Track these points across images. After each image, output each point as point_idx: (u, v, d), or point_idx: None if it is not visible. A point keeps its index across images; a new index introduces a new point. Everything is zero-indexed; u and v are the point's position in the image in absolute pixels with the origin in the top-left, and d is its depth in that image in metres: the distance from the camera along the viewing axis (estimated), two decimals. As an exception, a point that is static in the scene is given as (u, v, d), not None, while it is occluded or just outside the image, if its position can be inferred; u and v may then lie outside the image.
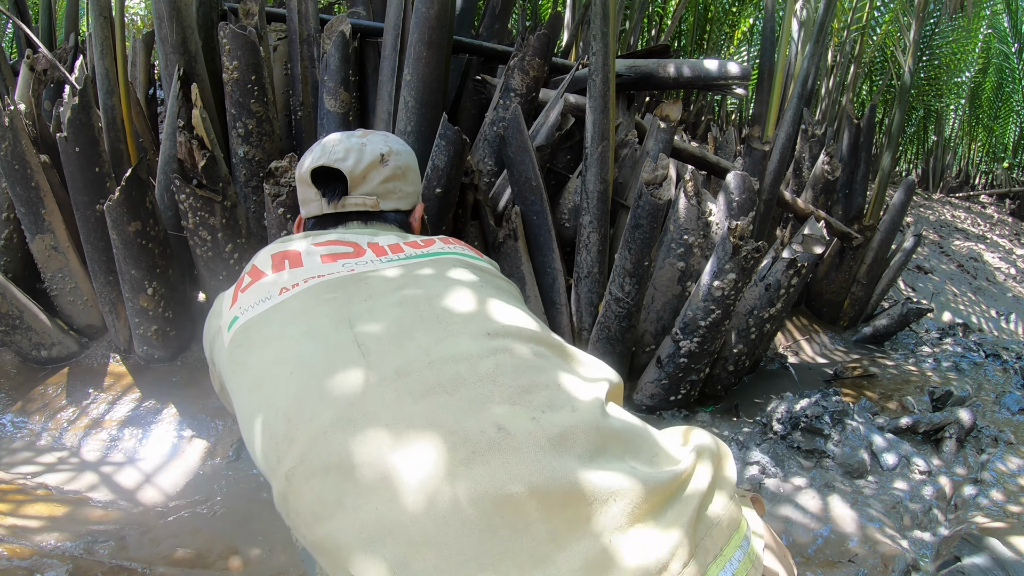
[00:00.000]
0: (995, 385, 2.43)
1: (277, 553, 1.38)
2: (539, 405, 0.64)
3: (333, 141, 1.00)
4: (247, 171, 1.90)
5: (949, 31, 5.62)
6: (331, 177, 0.99)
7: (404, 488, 0.58)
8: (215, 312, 0.88)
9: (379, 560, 0.57)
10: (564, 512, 0.57)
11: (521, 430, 0.61)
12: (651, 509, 0.59)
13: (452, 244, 0.94)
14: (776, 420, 1.87)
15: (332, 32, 1.97)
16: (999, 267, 5.44)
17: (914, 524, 1.57)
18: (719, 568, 0.60)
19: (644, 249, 1.82)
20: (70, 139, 1.68)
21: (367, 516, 0.58)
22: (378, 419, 0.63)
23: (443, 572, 0.55)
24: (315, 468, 0.62)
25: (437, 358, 0.68)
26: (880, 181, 3.24)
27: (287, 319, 0.75)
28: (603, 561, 0.55)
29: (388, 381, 0.66)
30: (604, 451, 0.62)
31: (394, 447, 0.61)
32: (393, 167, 1.00)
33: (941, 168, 8.76)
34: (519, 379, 0.67)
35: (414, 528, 0.57)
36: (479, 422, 0.62)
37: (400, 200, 1.02)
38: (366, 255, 0.85)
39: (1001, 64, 7.86)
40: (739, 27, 5.51)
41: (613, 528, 0.57)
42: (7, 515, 1.41)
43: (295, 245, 0.88)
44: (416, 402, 0.64)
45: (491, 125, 2.06)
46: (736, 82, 2.23)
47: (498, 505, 0.57)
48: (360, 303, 0.75)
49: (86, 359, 1.94)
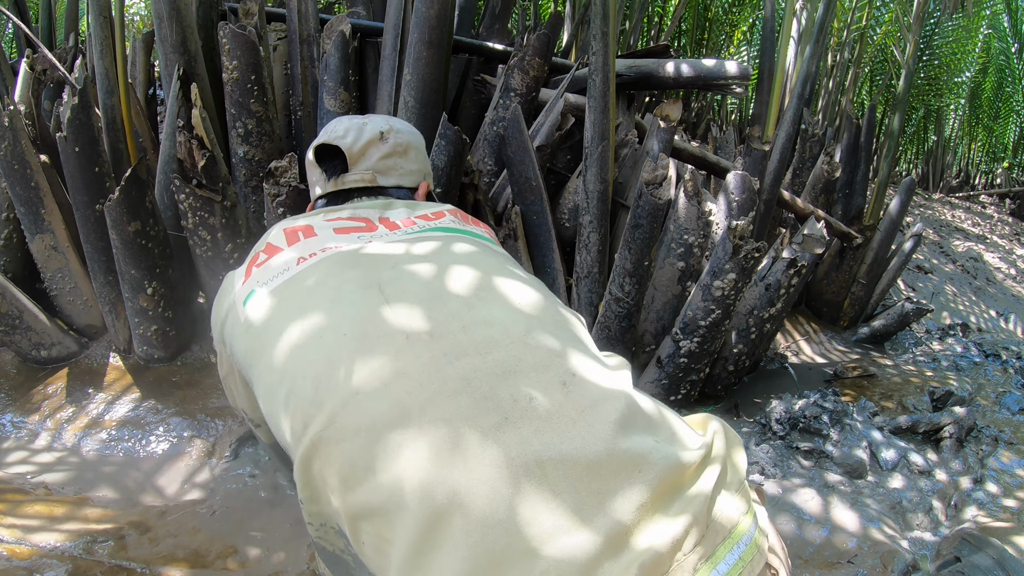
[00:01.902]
0: (995, 385, 2.43)
1: (276, 552, 1.38)
2: (570, 375, 0.65)
3: (335, 122, 1.03)
4: (247, 171, 1.90)
5: (949, 31, 5.62)
6: (333, 156, 1.00)
7: (436, 452, 0.58)
8: (225, 291, 0.88)
9: (409, 523, 0.57)
10: (591, 484, 0.57)
11: (553, 399, 0.62)
12: (671, 488, 0.60)
13: (460, 218, 0.95)
14: (775, 420, 1.87)
15: (332, 32, 1.97)
16: (999, 267, 5.44)
17: (914, 524, 1.57)
18: (727, 550, 0.60)
19: (644, 249, 1.82)
20: (70, 139, 1.68)
21: (397, 481, 0.58)
22: (411, 380, 0.63)
23: (470, 535, 0.55)
24: (345, 431, 0.62)
25: (470, 322, 0.68)
26: (880, 181, 3.24)
27: (311, 288, 0.75)
28: (623, 536, 0.56)
29: (422, 343, 0.66)
30: (631, 426, 0.63)
31: (426, 409, 0.61)
32: (392, 144, 1.01)
33: (941, 168, 8.76)
34: (550, 349, 0.67)
35: (444, 491, 0.57)
36: (511, 389, 0.62)
37: (402, 177, 1.02)
38: (379, 230, 0.86)
39: (1001, 64, 7.85)
40: (739, 27, 5.51)
41: (636, 505, 0.57)
42: (6, 515, 1.41)
43: (306, 220, 0.89)
44: (451, 363, 0.64)
45: (491, 125, 2.06)
46: (735, 82, 2.23)
47: (528, 472, 0.57)
48: (387, 270, 0.75)
49: (86, 359, 1.94)
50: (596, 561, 0.54)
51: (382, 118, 1.05)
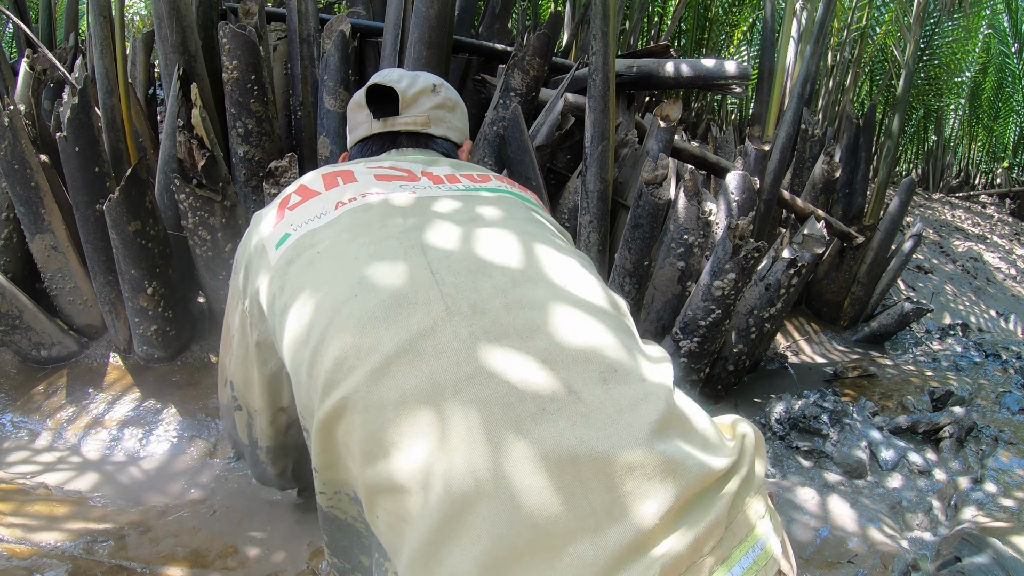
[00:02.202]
0: (995, 385, 2.43)
1: (276, 552, 1.38)
2: (611, 370, 0.62)
3: (388, 71, 1.02)
4: (247, 171, 1.90)
5: (949, 31, 5.62)
6: (384, 99, 0.99)
7: (467, 435, 0.56)
8: (254, 230, 0.83)
9: (432, 506, 0.55)
10: (624, 485, 0.56)
11: (592, 396, 0.59)
12: (699, 494, 0.59)
13: (506, 183, 0.91)
14: (775, 420, 1.87)
15: (332, 32, 1.97)
16: (999, 267, 5.44)
17: (914, 524, 1.57)
18: (743, 553, 0.59)
19: (644, 249, 1.82)
20: (70, 139, 1.68)
21: (424, 461, 0.56)
22: (448, 357, 0.60)
23: (495, 526, 0.53)
24: (373, 401, 0.59)
25: (514, 301, 0.64)
26: (880, 181, 3.24)
27: (350, 236, 0.70)
28: (648, 540, 0.54)
29: (463, 316, 0.62)
30: (668, 429, 0.61)
31: (461, 389, 0.58)
32: (444, 97, 1.02)
33: (941, 168, 8.76)
34: (593, 339, 0.64)
35: (473, 478, 0.55)
36: (550, 379, 0.59)
37: (449, 130, 1.02)
38: (422, 181, 0.82)
39: (1001, 64, 7.85)
40: (739, 27, 5.51)
41: (664, 509, 0.56)
42: (7, 515, 1.41)
43: (347, 166, 0.85)
44: (491, 344, 0.60)
45: (491, 125, 2.06)
46: (735, 82, 2.23)
47: (560, 467, 0.55)
48: (431, 230, 0.70)
49: (86, 359, 1.94)
50: (619, 562, 0.53)
51: (432, 74, 1.06)
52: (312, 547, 1.40)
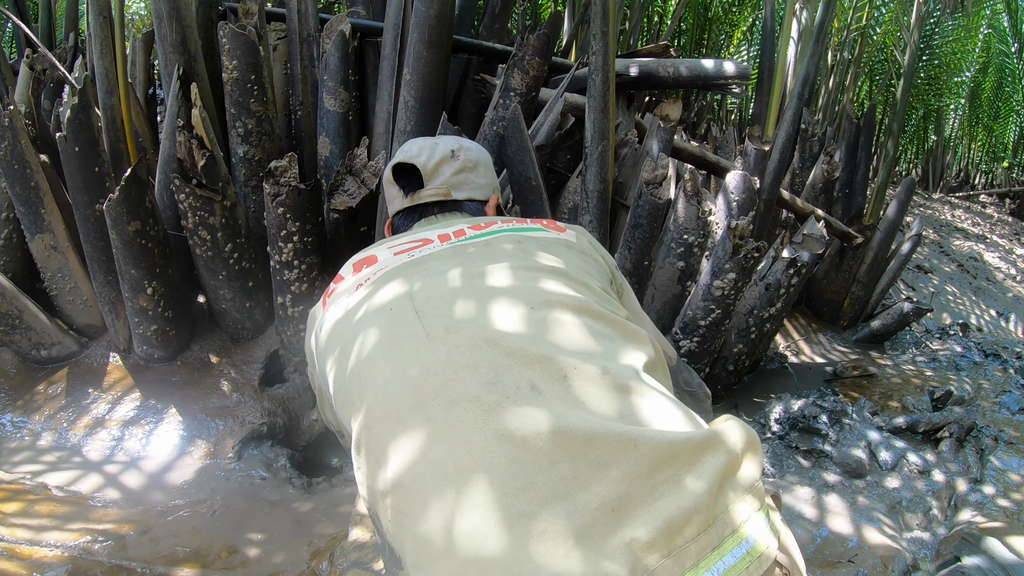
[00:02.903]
0: (995, 385, 2.43)
1: (275, 552, 1.38)
2: (572, 368, 0.69)
3: (409, 143, 1.12)
4: (247, 171, 1.90)
5: (949, 31, 5.62)
6: (409, 173, 1.09)
7: (445, 428, 0.65)
8: (308, 328, 0.99)
9: (419, 497, 0.63)
10: (588, 455, 0.62)
11: (552, 391, 0.67)
12: (670, 468, 0.63)
13: (513, 222, 0.99)
14: (774, 420, 1.87)
15: (332, 32, 1.97)
16: (999, 267, 5.44)
17: (913, 524, 1.57)
18: (735, 543, 0.62)
19: (644, 249, 1.82)
20: (70, 139, 1.68)
21: (414, 457, 0.65)
22: (430, 370, 0.70)
23: (471, 500, 0.61)
24: (377, 417, 0.71)
25: (484, 320, 0.75)
26: (880, 181, 3.24)
27: (362, 307, 0.84)
28: (621, 504, 0.60)
29: (439, 338, 0.73)
30: (631, 412, 0.67)
31: (439, 392, 0.68)
32: (463, 161, 1.10)
33: (941, 168, 8.76)
34: (557, 342, 0.72)
35: (449, 463, 0.63)
36: (515, 378, 0.68)
37: (473, 190, 1.11)
38: (432, 244, 0.93)
39: (1001, 64, 7.85)
40: (739, 27, 5.51)
41: (633, 476, 0.61)
42: (7, 515, 1.41)
43: (373, 250, 0.98)
44: (462, 353, 0.71)
45: (491, 124, 2.06)
46: (735, 81, 2.23)
47: (525, 443, 0.62)
48: (419, 279, 0.83)
49: (86, 359, 1.94)
50: (592, 524, 0.59)
51: (452, 138, 1.14)
52: (312, 547, 1.40)
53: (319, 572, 1.32)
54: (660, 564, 0.59)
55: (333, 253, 1.78)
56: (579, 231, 1.01)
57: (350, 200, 1.71)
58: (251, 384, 1.88)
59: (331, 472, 1.82)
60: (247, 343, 1.97)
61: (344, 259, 1.09)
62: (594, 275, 0.89)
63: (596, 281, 0.86)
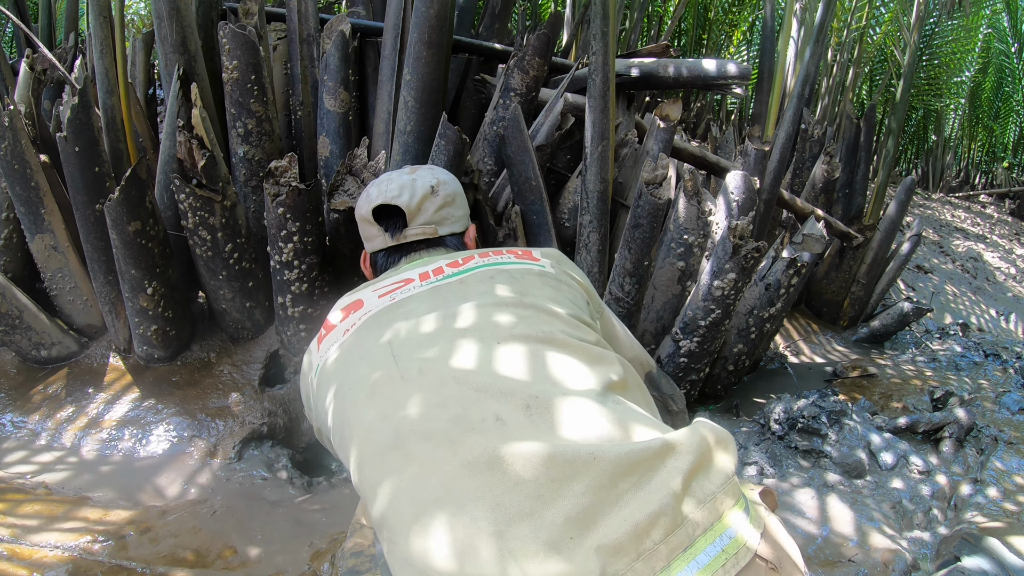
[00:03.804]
0: (995, 385, 2.43)
1: (276, 553, 1.38)
2: (534, 398, 0.74)
3: (385, 180, 1.12)
4: (247, 171, 1.90)
5: (949, 31, 5.62)
6: (391, 213, 1.10)
7: (420, 462, 0.70)
8: (303, 370, 1.03)
9: (401, 527, 0.68)
10: (549, 473, 0.65)
11: (516, 420, 0.71)
12: (633, 476, 0.66)
13: (490, 256, 1.03)
14: (773, 420, 1.87)
15: (332, 32, 1.97)
16: (999, 267, 5.44)
17: (913, 524, 1.57)
18: (708, 542, 0.64)
19: (644, 249, 1.82)
20: (70, 139, 1.68)
21: (392, 492, 0.71)
22: (406, 411, 0.76)
23: (445, 525, 0.65)
24: (366, 458, 0.76)
25: (453, 359, 0.80)
26: (880, 181, 3.24)
27: (347, 354, 0.90)
28: (587, 516, 0.63)
29: (414, 380, 0.78)
30: (591, 431, 0.71)
31: (413, 430, 0.73)
32: (443, 196, 1.12)
33: (941, 168, 8.76)
34: (521, 374, 0.77)
35: (424, 494, 0.68)
36: (481, 411, 0.72)
37: (454, 224, 1.13)
38: (413, 283, 0.97)
39: (1001, 64, 7.85)
40: (739, 27, 5.51)
41: (596, 488, 0.64)
42: (7, 515, 1.41)
43: (359, 294, 1.02)
44: (434, 392, 0.76)
45: (491, 125, 2.06)
46: (735, 82, 2.23)
47: (491, 469, 0.67)
48: (397, 323, 0.88)
49: (86, 359, 1.94)
50: (558, 541, 0.61)
51: (427, 170, 1.15)
52: (312, 548, 1.40)
53: (320, 573, 1.32)
54: (630, 567, 0.61)
55: (333, 253, 1.79)
56: (554, 258, 1.04)
57: (350, 200, 1.71)
58: (251, 384, 1.88)
59: (331, 473, 1.82)
60: (247, 343, 1.97)
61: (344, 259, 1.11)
62: (564, 302, 0.92)
63: (566, 308, 0.90)
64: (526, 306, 0.88)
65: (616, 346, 1.11)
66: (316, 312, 1.76)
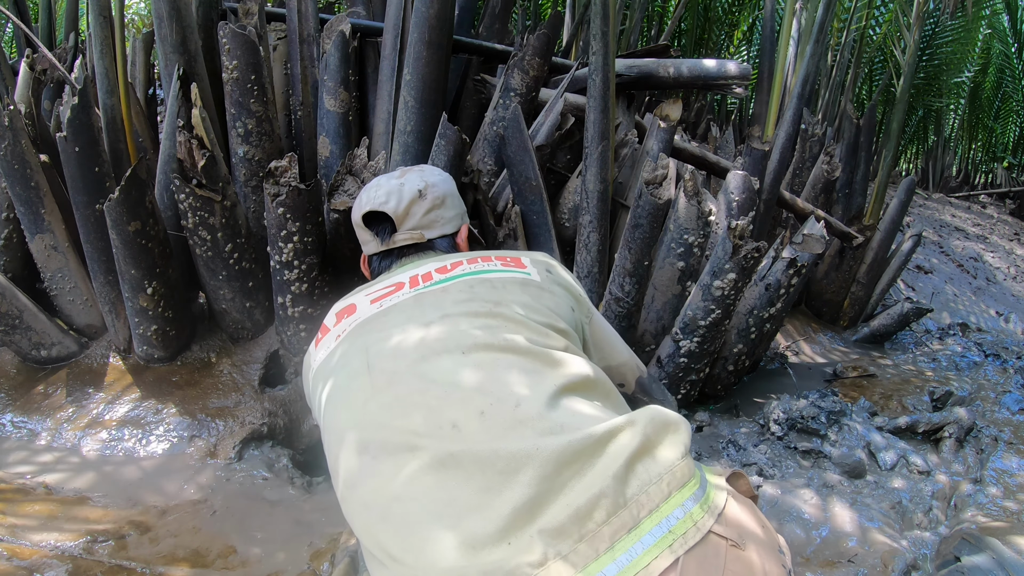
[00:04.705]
0: (995, 385, 2.43)
1: (276, 552, 1.38)
2: (488, 405, 0.78)
3: (375, 186, 1.16)
4: (247, 171, 1.90)
5: (949, 31, 5.62)
6: (381, 218, 1.14)
7: (383, 470, 0.76)
8: (303, 372, 1.09)
9: (369, 525, 0.75)
10: (495, 467, 0.70)
11: (470, 427, 0.76)
12: (576, 464, 0.70)
13: (478, 263, 1.05)
14: (773, 421, 1.87)
15: (332, 32, 1.97)
16: (999, 267, 5.44)
17: (913, 524, 1.57)
18: (654, 523, 0.67)
19: (644, 249, 1.82)
20: (70, 139, 1.68)
21: (361, 491, 0.77)
22: (374, 419, 0.81)
23: (405, 522, 0.71)
24: (340, 463, 0.82)
25: (419, 369, 0.84)
26: (880, 181, 3.24)
27: (333, 359, 0.95)
28: (533, 505, 0.67)
29: (383, 390, 0.83)
30: (540, 428, 0.75)
31: (376, 438, 0.79)
32: (431, 199, 1.14)
33: (941, 168, 8.76)
34: (478, 382, 0.81)
35: (388, 497, 0.73)
36: (439, 419, 0.77)
37: (444, 226, 1.15)
38: (402, 289, 1.01)
39: (1001, 64, 7.85)
40: (739, 27, 5.51)
41: (540, 479, 0.69)
42: (7, 515, 1.41)
43: (352, 298, 1.06)
44: (399, 402, 0.81)
45: (491, 125, 2.06)
46: (735, 82, 2.23)
47: (445, 470, 0.72)
48: (377, 331, 0.93)
49: (86, 359, 1.94)
50: (506, 530, 0.66)
51: (416, 174, 1.17)
52: (312, 548, 1.40)
53: (320, 572, 1.32)
54: (573, 549, 0.64)
55: (333, 253, 1.79)
56: (540, 265, 1.07)
57: (350, 200, 1.71)
58: (251, 384, 1.88)
59: (331, 472, 1.82)
60: (247, 343, 1.97)
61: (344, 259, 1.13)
62: (540, 310, 0.95)
63: (539, 316, 0.94)
64: (495, 316, 0.91)
65: (606, 351, 1.14)
66: (316, 312, 1.76)
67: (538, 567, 0.64)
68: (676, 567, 0.64)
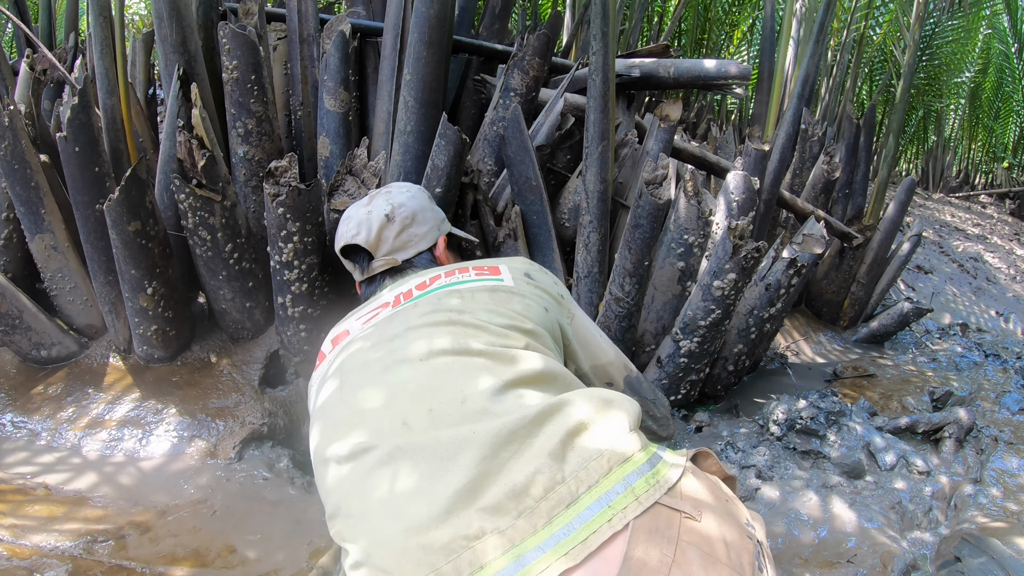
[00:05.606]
0: (995, 385, 2.43)
1: (275, 552, 1.38)
2: (437, 402, 0.83)
3: (346, 219, 1.21)
4: (247, 171, 1.90)
5: (949, 31, 5.62)
6: (358, 249, 1.19)
7: (347, 473, 0.83)
8: (309, 397, 1.13)
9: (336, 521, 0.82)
10: (436, 453, 0.76)
11: (419, 424, 0.82)
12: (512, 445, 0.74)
13: (455, 275, 1.08)
14: (773, 421, 1.87)
15: (332, 32, 1.97)
16: (999, 267, 5.44)
17: (913, 524, 1.57)
18: (592, 498, 0.69)
19: (644, 249, 1.82)
20: (70, 139, 1.68)
21: (336, 496, 0.84)
22: (340, 426, 0.88)
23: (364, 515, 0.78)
24: (321, 469, 0.89)
25: (381, 379, 0.90)
26: (880, 181, 3.24)
27: (329, 382, 1.00)
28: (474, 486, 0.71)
29: (348, 401, 0.91)
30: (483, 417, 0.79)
31: (342, 441, 0.86)
32: (400, 221, 1.18)
33: (941, 168, 8.76)
34: (430, 384, 0.87)
35: (353, 493, 0.81)
36: (393, 420, 0.84)
37: (419, 242, 1.19)
38: (387, 309, 1.06)
39: (1001, 64, 7.84)
40: (739, 27, 5.52)
41: (478, 460, 0.73)
42: (7, 515, 1.41)
43: (346, 324, 1.11)
44: (360, 408, 0.88)
45: (491, 125, 2.06)
46: (735, 82, 2.23)
47: (394, 458, 0.79)
48: (355, 354, 0.99)
49: (86, 359, 1.94)
50: (448, 511, 0.70)
51: (382, 197, 1.21)
52: (312, 547, 1.40)
53: (319, 572, 1.32)
54: (512, 524, 0.67)
55: (333, 253, 1.78)
56: (518, 271, 1.10)
57: (350, 200, 1.71)
58: (251, 384, 1.88)
59: (331, 472, 1.82)
60: (247, 343, 1.97)
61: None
62: (505, 314, 0.99)
63: (503, 319, 0.97)
64: (456, 323, 0.96)
65: (591, 350, 1.16)
66: (316, 312, 1.76)
67: (474, 540, 0.67)
68: (622, 538, 0.66)
